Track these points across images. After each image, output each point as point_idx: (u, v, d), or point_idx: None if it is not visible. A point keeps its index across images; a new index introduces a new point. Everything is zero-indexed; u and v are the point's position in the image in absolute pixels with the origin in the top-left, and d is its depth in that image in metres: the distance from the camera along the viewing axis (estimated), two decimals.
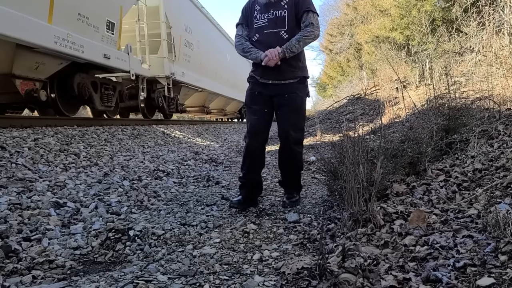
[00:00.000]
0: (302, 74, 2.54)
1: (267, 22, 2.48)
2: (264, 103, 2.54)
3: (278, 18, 2.45)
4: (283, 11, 2.44)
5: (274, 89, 2.50)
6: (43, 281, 1.58)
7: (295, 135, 2.53)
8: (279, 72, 2.46)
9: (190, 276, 1.56)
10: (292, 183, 2.75)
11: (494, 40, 5.33)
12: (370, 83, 14.43)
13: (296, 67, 2.50)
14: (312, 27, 2.40)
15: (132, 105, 8.19)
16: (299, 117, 2.56)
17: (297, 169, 2.72)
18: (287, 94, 2.48)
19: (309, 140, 7.81)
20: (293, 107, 2.50)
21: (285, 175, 2.76)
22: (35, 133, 4.04)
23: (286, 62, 2.44)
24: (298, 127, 2.56)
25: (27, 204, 2.40)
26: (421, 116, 4.57)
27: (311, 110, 24.14)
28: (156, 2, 8.19)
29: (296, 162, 2.66)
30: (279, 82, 2.49)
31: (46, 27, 4.44)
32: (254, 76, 2.59)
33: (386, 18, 11.47)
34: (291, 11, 2.44)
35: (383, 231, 1.81)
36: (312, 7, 2.45)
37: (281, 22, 2.44)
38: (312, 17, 2.42)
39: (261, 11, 2.51)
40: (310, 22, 2.40)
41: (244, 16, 2.63)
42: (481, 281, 1.24)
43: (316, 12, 2.46)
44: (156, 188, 3.36)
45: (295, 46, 2.38)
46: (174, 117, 11.27)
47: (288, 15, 2.44)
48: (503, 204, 1.83)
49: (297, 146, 2.60)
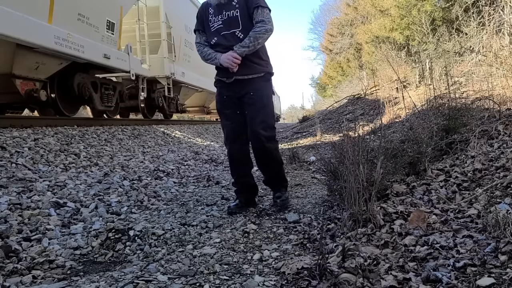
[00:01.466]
0: (266, 70, 2.51)
1: (221, 24, 2.47)
2: (235, 105, 2.51)
3: (231, 19, 2.43)
4: (235, 11, 2.42)
5: (240, 88, 2.47)
6: (43, 281, 1.58)
7: (266, 133, 2.45)
8: (242, 68, 2.43)
9: (190, 276, 1.56)
10: (276, 181, 2.68)
11: (494, 40, 5.33)
12: (370, 83, 14.42)
13: (256, 62, 2.47)
14: (263, 23, 2.38)
15: (132, 105, 8.20)
16: (267, 115, 2.48)
17: (277, 165, 2.63)
18: (253, 91, 2.45)
19: (309, 140, 7.81)
20: (260, 105, 2.45)
21: (267, 174, 2.68)
22: (35, 133, 4.04)
23: (246, 58, 2.42)
24: (268, 125, 2.47)
25: (27, 204, 2.40)
26: (421, 116, 4.57)
27: (311, 110, 24.15)
28: (156, 2, 8.20)
29: (273, 159, 2.58)
30: (242, 77, 2.45)
31: (46, 27, 4.45)
32: (219, 79, 2.57)
33: (386, 18, 11.48)
34: (243, 10, 2.42)
35: (383, 231, 1.81)
36: (261, 2, 2.41)
37: (234, 22, 2.43)
38: (262, 13, 2.39)
39: (214, 14, 2.49)
40: (260, 18, 2.39)
41: (200, 21, 2.60)
42: (481, 281, 1.24)
43: (266, 6, 2.42)
44: (156, 188, 3.36)
45: (247, 44, 2.36)
46: (174, 117, 11.27)
47: (240, 14, 2.41)
48: (503, 204, 1.83)
49: (271, 143, 2.52)
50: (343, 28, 22.47)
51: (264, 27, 2.37)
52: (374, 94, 10.38)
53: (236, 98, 2.51)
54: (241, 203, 2.61)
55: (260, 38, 2.38)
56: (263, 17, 2.39)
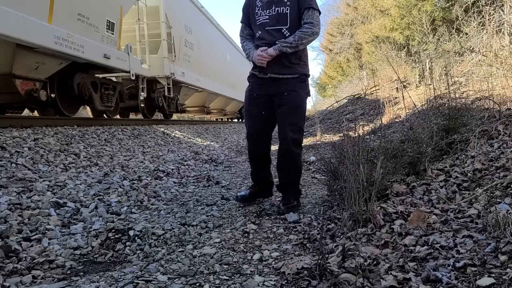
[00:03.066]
0: (302, 71, 2.48)
1: (268, 19, 2.44)
2: (262, 105, 2.50)
3: (280, 15, 2.40)
4: (285, 8, 2.39)
5: (273, 86, 2.45)
6: (43, 281, 1.58)
7: (293, 135, 2.44)
8: (278, 66, 2.42)
9: (190, 276, 1.56)
10: (290, 188, 2.58)
11: (494, 40, 5.33)
12: (370, 83, 14.43)
13: (295, 63, 2.45)
14: (311, 25, 2.36)
15: (132, 105, 8.19)
16: (298, 117, 2.46)
17: (296, 172, 2.57)
18: (287, 92, 2.41)
19: (309, 140, 7.81)
20: (293, 106, 2.43)
21: (283, 179, 2.59)
22: (35, 133, 4.04)
23: (285, 57, 2.40)
24: (297, 127, 2.47)
25: (27, 204, 2.40)
26: (421, 116, 4.58)
27: (311, 110, 24.13)
28: (156, 2, 8.19)
29: (294, 164, 2.52)
30: (277, 76, 2.43)
31: (46, 27, 4.44)
32: (253, 73, 2.55)
33: (387, 18, 11.48)
34: (294, 8, 2.39)
35: (383, 231, 1.81)
36: (314, 4, 2.40)
37: (283, 19, 2.40)
38: (312, 15, 2.38)
39: (262, 8, 2.46)
40: (310, 20, 2.37)
41: (245, 14, 2.60)
42: (481, 281, 1.24)
43: (317, 9, 2.42)
44: (156, 188, 3.36)
45: (291, 42, 2.35)
46: (174, 117, 11.28)
47: (290, 12, 2.38)
48: (503, 204, 1.83)
49: (296, 147, 2.49)
50: (343, 28, 22.48)
51: (312, 29, 2.36)
52: (374, 94, 10.38)
53: (267, 97, 2.48)
54: (250, 194, 2.64)
55: (305, 39, 2.37)
56: (313, 19, 2.37)
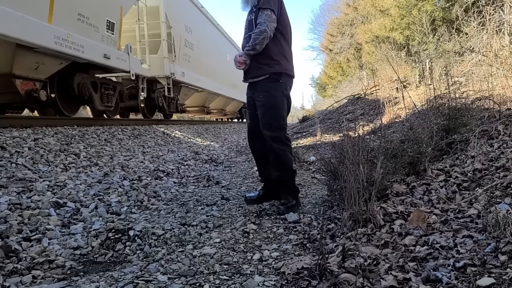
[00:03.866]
0: (272, 70, 2.51)
1: (245, 28, 2.65)
2: (253, 107, 2.63)
3: (250, 23, 2.58)
4: (252, 15, 2.55)
5: (252, 90, 2.61)
6: (43, 281, 1.58)
7: (270, 133, 2.49)
8: (249, 71, 2.59)
9: (190, 276, 1.56)
10: (285, 187, 2.58)
11: (494, 40, 5.33)
12: (370, 83, 14.43)
13: (264, 63, 2.51)
14: (259, 24, 2.44)
15: (132, 105, 8.19)
16: (272, 116, 2.50)
17: (284, 169, 2.54)
18: (261, 94, 2.53)
19: (309, 140, 7.81)
20: (266, 107, 2.51)
21: (274, 176, 2.59)
22: (35, 133, 4.04)
23: (255, 59, 2.53)
24: (273, 126, 2.49)
25: (27, 204, 2.40)
26: (421, 116, 4.58)
27: (311, 110, 24.12)
28: (156, 2, 8.19)
29: (279, 160, 2.53)
30: (252, 80, 2.59)
31: (46, 27, 4.44)
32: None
33: (387, 18, 11.48)
34: (257, 14, 2.51)
35: (383, 231, 1.81)
36: (263, 4, 2.45)
37: (251, 26, 2.55)
38: (261, 14, 2.45)
39: (246, 19, 2.67)
40: (259, 20, 2.46)
41: None
42: (481, 281, 1.24)
43: (267, 7, 2.44)
44: (156, 188, 3.36)
45: (250, 46, 2.46)
46: (174, 117, 11.28)
47: (254, 18, 2.52)
48: (503, 204, 1.83)
49: (278, 144, 2.50)
50: (343, 28, 22.47)
51: (259, 28, 2.43)
52: (374, 94, 10.39)
53: (252, 99, 2.63)
54: (258, 195, 2.68)
55: (257, 39, 2.43)
56: (262, 18, 2.45)
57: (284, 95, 2.55)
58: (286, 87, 2.58)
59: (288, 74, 2.58)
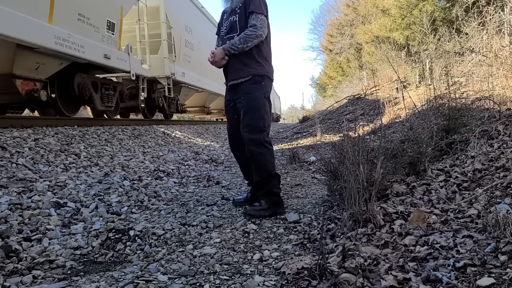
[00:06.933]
0: (255, 72, 2.50)
1: (226, 29, 2.60)
2: (232, 110, 2.61)
3: (232, 24, 2.55)
4: (235, 16, 2.52)
5: (233, 93, 2.57)
6: (43, 281, 1.58)
7: (249, 135, 2.45)
8: (231, 72, 2.56)
9: (190, 276, 1.56)
10: (262, 190, 2.52)
11: (495, 40, 5.33)
12: (370, 83, 14.43)
13: (247, 64, 2.50)
14: (255, 27, 2.42)
15: (132, 105, 8.20)
16: (253, 118, 2.46)
17: (262, 172, 2.49)
18: (243, 96, 2.50)
19: (309, 140, 7.81)
20: (247, 108, 2.47)
21: (254, 179, 2.57)
22: (36, 133, 4.04)
23: (237, 59, 2.50)
24: (253, 128, 2.46)
25: (28, 204, 2.40)
26: (421, 116, 4.57)
27: (311, 110, 24.11)
28: (157, 2, 8.20)
29: (257, 163, 2.49)
30: (233, 82, 2.55)
31: (47, 27, 4.45)
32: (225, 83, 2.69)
33: (387, 18, 11.48)
34: (241, 15, 2.50)
35: (383, 231, 1.81)
36: (256, 9, 2.44)
37: (234, 27, 2.53)
38: (256, 18, 2.44)
39: (225, 20, 2.64)
40: (253, 23, 2.44)
41: (218, 27, 2.78)
42: (481, 281, 1.24)
43: (261, 12, 2.45)
44: (156, 188, 3.37)
45: (236, 43, 2.44)
46: (175, 117, 11.28)
47: (238, 20, 2.50)
48: (503, 204, 1.83)
49: (256, 146, 2.46)
50: (343, 29, 22.48)
51: (256, 32, 2.42)
52: (374, 94, 10.39)
53: (233, 102, 2.60)
54: (246, 198, 2.71)
55: (250, 42, 2.43)
56: (256, 22, 2.44)
57: (266, 98, 2.54)
58: (268, 90, 2.57)
59: (269, 77, 2.58)
